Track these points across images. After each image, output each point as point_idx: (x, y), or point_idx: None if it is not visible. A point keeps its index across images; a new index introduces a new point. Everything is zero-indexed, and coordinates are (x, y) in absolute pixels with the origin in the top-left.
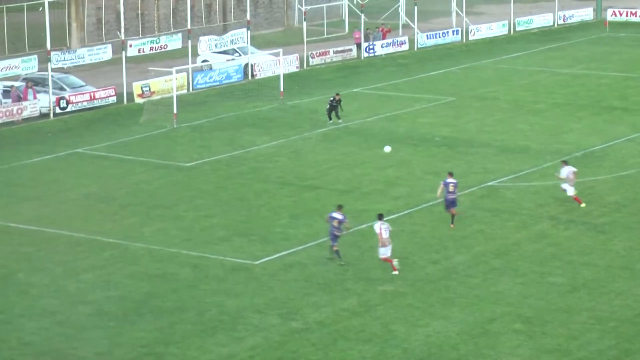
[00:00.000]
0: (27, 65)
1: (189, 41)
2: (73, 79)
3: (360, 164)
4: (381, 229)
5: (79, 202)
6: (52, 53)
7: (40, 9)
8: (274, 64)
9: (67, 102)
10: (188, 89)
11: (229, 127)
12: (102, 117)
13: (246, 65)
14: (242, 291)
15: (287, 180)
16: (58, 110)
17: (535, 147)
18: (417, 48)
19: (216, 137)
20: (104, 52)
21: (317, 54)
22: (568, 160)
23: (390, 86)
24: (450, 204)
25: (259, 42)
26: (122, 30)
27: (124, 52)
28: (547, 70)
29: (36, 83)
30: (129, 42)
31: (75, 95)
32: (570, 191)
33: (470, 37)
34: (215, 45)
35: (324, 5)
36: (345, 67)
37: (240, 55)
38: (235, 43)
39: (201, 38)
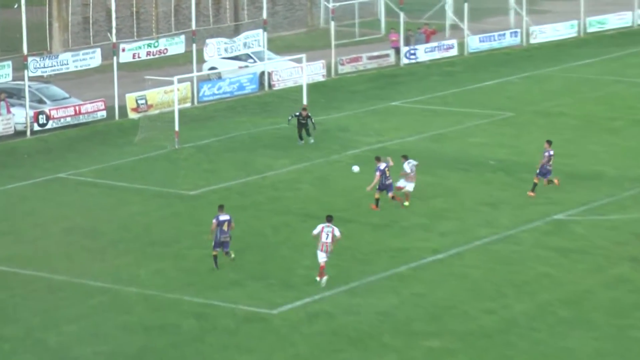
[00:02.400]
0: None
1: (194, 45)
2: (54, 89)
3: (401, 192)
4: (323, 230)
5: (61, 237)
6: (30, 59)
7: (16, 6)
8: (295, 72)
9: (47, 118)
10: (192, 102)
11: (241, 148)
12: (89, 135)
13: (262, 73)
14: (256, 346)
15: (311, 212)
16: (36, 127)
17: (611, 173)
18: (468, 53)
19: (226, 160)
20: (92, 58)
21: (347, 60)
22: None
23: (435, 99)
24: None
25: (277, 46)
26: (114, 31)
27: (115, 58)
28: (626, 80)
29: (10, 95)
30: (121, 46)
31: (57, 109)
32: (410, 187)
33: (532, 40)
34: (225, 50)
35: (356, 1)
36: (381, 75)
37: (255, 61)
38: (249, 47)
39: (208, 41)
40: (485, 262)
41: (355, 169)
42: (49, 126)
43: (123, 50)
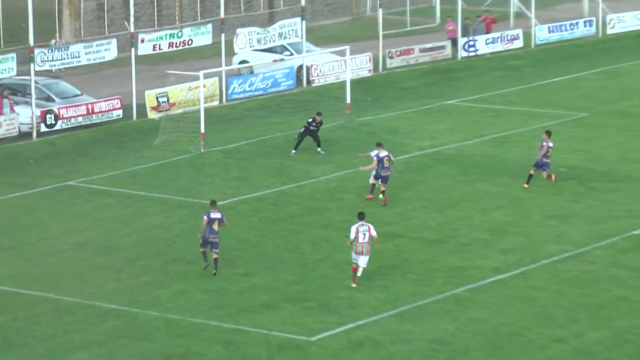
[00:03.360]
0: (1, 67)
1: (223, 35)
2: (64, 85)
3: (457, 203)
4: (358, 230)
5: (71, 254)
6: (36, 50)
7: None
8: (337, 67)
9: (56, 118)
10: (220, 100)
11: (275, 153)
12: (103, 137)
13: (300, 68)
14: None
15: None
16: (44, 129)
17: None
18: (535, 45)
19: (258, 166)
20: (107, 50)
21: (397, 53)
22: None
23: (497, 97)
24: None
25: (317, 37)
26: (132, 20)
27: (133, 50)
28: None
29: (14, 91)
30: (140, 36)
31: (66, 108)
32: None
33: (609, 30)
34: (258, 41)
35: None
36: (436, 70)
37: (291, 54)
38: (285, 38)
39: (239, 31)
40: (554, 284)
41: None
42: (57, 127)
43: (142, 41)
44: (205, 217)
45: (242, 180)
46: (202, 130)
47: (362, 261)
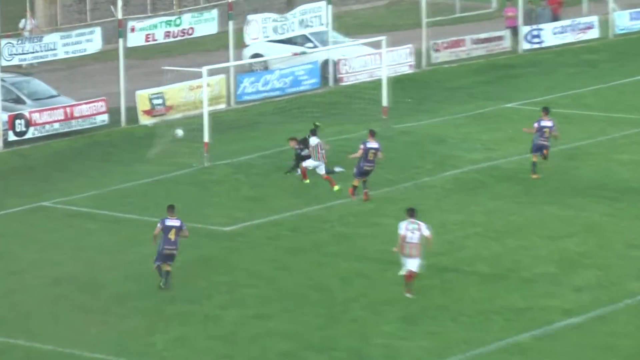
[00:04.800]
0: None
1: (231, 23)
2: (37, 84)
3: (518, 230)
4: (407, 228)
5: (45, 290)
6: (2, 41)
7: None
8: (371, 61)
9: (27, 123)
10: (228, 103)
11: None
12: (84, 148)
13: (325, 63)
14: None
15: (394, 256)
16: (12, 137)
17: None
18: (614, 35)
19: (275, 183)
20: (89, 41)
21: (445, 45)
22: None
23: (567, 99)
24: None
25: (346, 25)
26: (119, 4)
27: (121, 41)
28: None
29: None
30: (130, 24)
31: (40, 111)
32: (321, 170)
33: None
34: (275, 30)
35: None
36: (492, 66)
37: (315, 46)
38: (307, 26)
39: (250, 18)
40: (638, 329)
41: (179, 133)
42: (29, 135)
43: (132, 30)
44: (158, 225)
45: (255, 201)
46: (206, 140)
47: (412, 264)
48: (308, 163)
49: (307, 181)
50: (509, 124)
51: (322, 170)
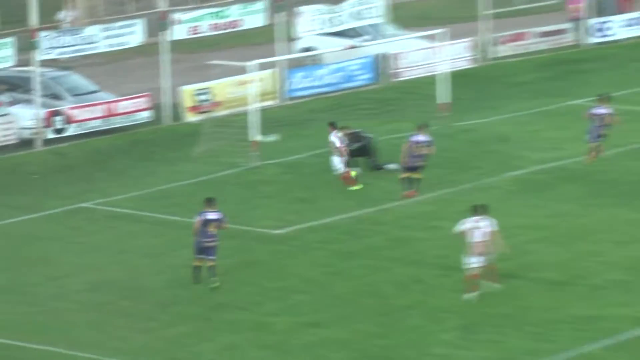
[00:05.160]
0: None
1: (280, 15)
2: (77, 79)
3: (586, 234)
4: (472, 226)
5: (86, 296)
6: (41, 34)
7: None
8: (429, 56)
9: (67, 120)
10: (279, 99)
11: (350, 166)
12: (126, 146)
13: (380, 57)
14: None
15: (453, 260)
16: (50, 135)
17: None
18: None
19: (328, 184)
20: (131, 34)
21: (507, 38)
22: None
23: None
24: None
25: (403, 17)
26: None
27: (165, 34)
28: None
29: (12, 87)
30: (174, 16)
31: (80, 108)
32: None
33: None
34: (327, 22)
35: None
36: (557, 61)
37: (370, 38)
38: (361, 18)
39: (301, 9)
40: None
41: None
42: (68, 133)
43: (177, 22)
44: (198, 218)
45: (307, 203)
46: (256, 138)
47: (474, 262)
48: (338, 164)
49: (358, 187)
50: (576, 121)
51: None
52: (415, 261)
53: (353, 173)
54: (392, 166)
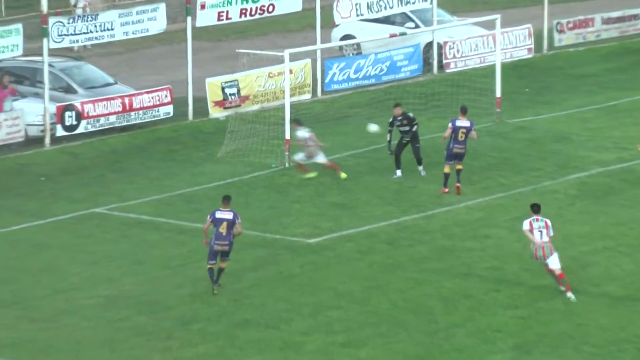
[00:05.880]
0: (2, 43)
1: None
2: (91, 70)
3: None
4: (533, 227)
5: (99, 312)
6: (51, 20)
7: None
8: (483, 44)
9: (79, 116)
10: (314, 93)
11: (393, 168)
12: (145, 145)
13: (429, 45)
14: None
15: (506, 273)
16: (61, 132)
17: None
18: None
19: (368, 188)
20: (151, 20)
21: (570, 25)
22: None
23: None
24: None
25: (454, 1)
26: None
27: (189, 20)
28: None
29: (18, 79)
30: (199, 0)
31: (94, 102)
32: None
33: None
34: (369, 7)
35: None
36: (627, 50)
37: (417, 26)
38: (407, 3)
39: None
40: None
41: (373, 127)
42: (80, 130)
43: (202, 6)
44: (208, 218)
45: (344, 208)
46: (288, 136)
47: (552, 263)
48: (300, 157)
49: (312, 174)
50: None
51: (322, 159)
52: (463, 274)
53: (343, 175)
54: (423, 173)
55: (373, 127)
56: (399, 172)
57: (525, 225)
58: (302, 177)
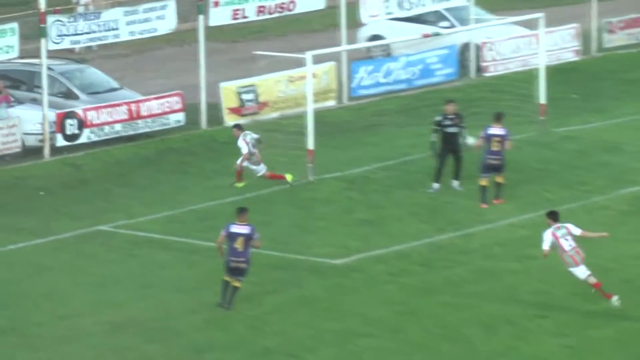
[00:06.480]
0: None
1: None
2: (94, 74)
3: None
4: (557, 236)
5: (102, 340)
6: (50, 19)
7: None
8: (525, 46)
9: (81, 125)
10: (340, 99)
11: (427, 182)
12: (154, 156)
13: (465, 47)
14: None
15: (553, 298)
16: (61, 142)
17: None
18: None
19: (400, 204)
20: (161, 18)
21: (621, 25)
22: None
23: None
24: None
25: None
26: None
27: (201, 18)
28: None
29: (14, 83)
30: None
31: (97, 109)
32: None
33: None
34: (399, 5)
35: None
36: None
37: (452, 25)
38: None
39: None
40: None
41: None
42: (83, 139)
43: (216, 4)
44: (222, 232)
45: (373, 226)
46: (311, 147)
47: (580, 272)
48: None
49: (242, 184)
50: None
51: (262, 171)
52: (505, 298)
53: (289, 177)
54: (470, 140)
55: (469, 140)
56: (436, 186)
57: (547, 236)
58: (235, 185)
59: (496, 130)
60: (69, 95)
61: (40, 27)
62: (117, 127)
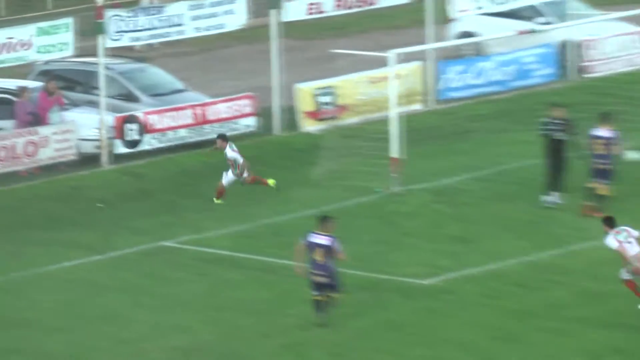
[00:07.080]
0: (48, 41)
1: None
2: (156, 74)
3: None
4: (620, 241)
5: None
6: (109, 14)
7: None
8: (631, 43)
9: (143, 130)
10: (426, 102)
11: (525, 194)
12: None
13: (564, 45)
14: None
15: None
16: (121, 149)
17: None
18: None
19: (495, 218)
20: (230, 13)
21: None
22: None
23: None
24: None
25: None
26: None
27: (274, 13)
28: None
29: (69, 84)
30: None
31: (160, 113)
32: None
33: None
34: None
35: None
36: None
37: (550, 22)
38: None
39: None
40: None
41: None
42: (144, 146)
43: None
44: (301, 241)
45: (465, 243)
46: (395, 155)
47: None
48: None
49: (219, 201)
50: None
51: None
52: (613, 324)
53: (271, 182)
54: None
55: (633, 155)
56: (554, 196)
57: (612, 243)
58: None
59: (601, 131)
60: (129, 97)
61: (97, 22)
62: (182, 132)
